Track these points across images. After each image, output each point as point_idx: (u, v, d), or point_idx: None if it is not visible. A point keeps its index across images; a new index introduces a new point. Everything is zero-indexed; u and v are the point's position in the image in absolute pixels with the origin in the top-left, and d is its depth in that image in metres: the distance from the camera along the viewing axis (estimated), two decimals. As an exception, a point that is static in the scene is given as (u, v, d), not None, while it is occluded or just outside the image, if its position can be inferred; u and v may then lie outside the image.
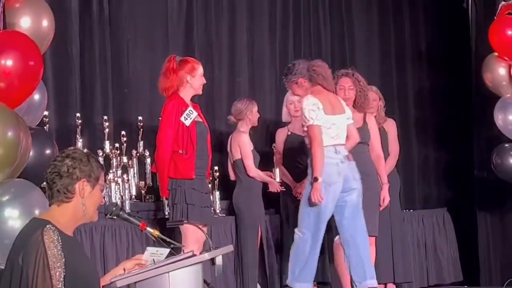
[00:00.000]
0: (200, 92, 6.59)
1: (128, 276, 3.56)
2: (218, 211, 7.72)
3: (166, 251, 3.75)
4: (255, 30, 8.87)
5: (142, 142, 7.65)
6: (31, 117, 5.83)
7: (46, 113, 6.62)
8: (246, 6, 8.81)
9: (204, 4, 8.51)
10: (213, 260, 3.68)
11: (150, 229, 3.84)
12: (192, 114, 6.40)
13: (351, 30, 9.49)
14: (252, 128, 7.73)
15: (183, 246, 4.04)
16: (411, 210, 9.06)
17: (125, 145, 7.54)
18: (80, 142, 7.29)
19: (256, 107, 7.68)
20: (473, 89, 9.13)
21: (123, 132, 7.59)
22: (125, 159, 7.49)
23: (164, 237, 3.83)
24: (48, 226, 3.33)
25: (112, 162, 7.37)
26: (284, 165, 7.75)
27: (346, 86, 7.18)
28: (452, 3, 9.50)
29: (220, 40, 8.61)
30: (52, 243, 3.28)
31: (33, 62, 5.41)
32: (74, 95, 7.61)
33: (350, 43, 9.44)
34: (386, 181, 7.21)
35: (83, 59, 7.70)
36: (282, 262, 7.73)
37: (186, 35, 8.39)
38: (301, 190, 7.19)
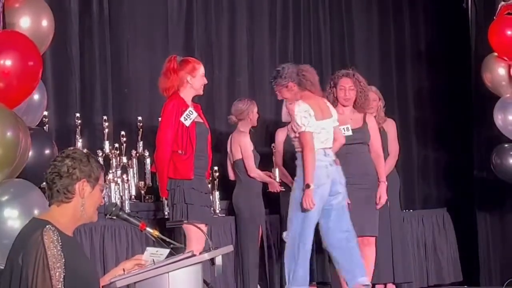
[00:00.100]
0: (201, 92, 6.57)
1: (127, 276, 3.56)
2: (217, 211, 7.72)
3: (166, 252, 3.74)
4: (255, 30, 8.87)
5: (141, 142, 7.65)
6: (31, 117, 5.82)
7: (45, 113, 6.62)
8: (246, 6, 8.81)
9: (204, 4, 8.51)
10: (212, 260, 3.68)
11: (149, 229, 3.84)
12: (192, 115, 6.38)
13: (351, 30, 9.49)
14: (251, 128, 7.74)
15: (183, 246, 4.02)
16: (411, 210, 9.06)
17: (124, 145, 7.55)
18: (79, 142, 7.29)
19: (256, 107, 7.69)
20: (472, 89, 9.13)
21: (123, 132, 7.60)
22: (124, 159, 7.49)
23: (163, 237, 3.83)
24: (48, 226, 3.32)
25: (111, 162, 7.37)
26: (283, 165, 7.74)
27: (346, 86, 7.17)
28: (451, 3, 9.50)
29: (220, 40, 8.61)
30: (52, 243, 3.28)
31: (32, 62, 5.40)
32: (73, 95, 7.61)
33: (350, 43, 9.44)
34: (384, 179, 7.19)
35: (83, 59, 7.70)
36: (282, 262, 7.73)
37: (186, 35, 8.38)
38: None
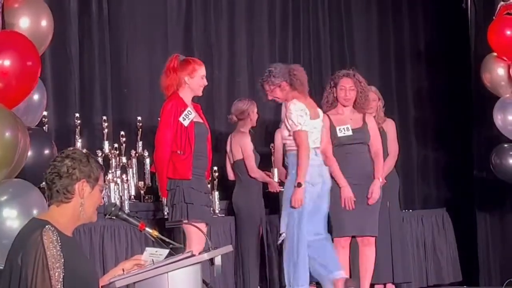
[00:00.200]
0: (199, 93, 6.51)
1: (127, 276, 3.56)
2: (217, 211, 7.72)
3: (165, 252, 3.74)
4: (255, 31, 8.87)
5: (141, 142, 7.65)
6: (31, 117, 5.82)
7: (45, 113, 6.62)
8: (245, 6, 8.81)
9: (203, 4, 8.52)
10: (212, 260, 3.68)
11: (149, 229, 3.84)
12: (190, 115, 6.36)
13: (351, 30, 9.48)
14: (251, 128, 7.74)
15: (183, 246, 4.01)
16: (411, 210, 9.06)
17: (124, 145, 7.55)
18: (79, 142, 7.29)
19: (256, 108, 7.70)
20: (472, 89, 9.13)
21: (122, 132, 7.60)
22: (124, 159, 7.50)
23: (163, 237, 3.83)
24: (47, 226, 3.32)
25: (111, 162, 7.38)
26: (283, 165, 7.74)
27: (347, 86, 7.15)
28: (451, 4, 9.50)
29: (219, 40, 8.61)
30: (51, 244, 3.28)
31: (31, 62, 5.39)
32: (73, 95, 7.61)
33: (349, 44, 9.44)
34: (379, 176, 7.13)
35: (82, 59, 7.70)
36: (282, 262, 7.72)
37: (185, 36, 8.38)
38: None
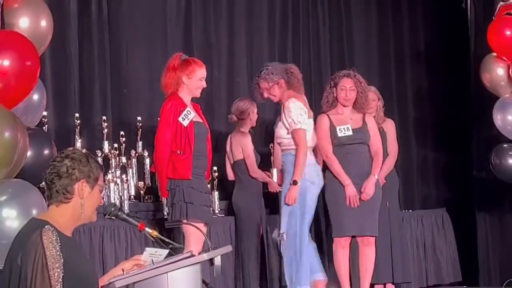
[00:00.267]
0: (197, 95, 6.46)
1: (126, 276, 3.56)
2: (217, 211, 7.72)
3: (165, 252, 3.74)
4: (254, 31, 8.87)
5: (141, 142, 7.65)
6: (30, 117, 5.82)
7: (45, 113, 6.61)
8: (245, 6, 8.80)
9: (202, 4, 8.51)
10: (211, 260, 3.68)
11: (148, 229, 3.84)
12: (190, 115, 6.35)
13: (350, 30, 9.48)
14: (250, 128, 7.74)
15: (182, 246, 4.01)
16: (410, 210, 9.06)
17: (124, 145, 7.55)
18: (79, 143, 7.29)
19: (256, 108, 7.70)
20: (472, 89, 9.13)
21: (122, 132, 7.59)
22: (124, 160, 7.49)
23: (162, 237, 3.83)
24: (46, 226, 3.32)
25: (111, 162, 7.37)
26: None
27: (347, 86, 7.14)
28: (451, 4, 9.50)
29: (219, 40, 8.61)
30: (50, 244, 3.28)
31: (30, 62, 5.39)
32: (73, 96, 7.60)
33: (349, 44, 9.44)
34: (375, 173, 7.09)
35: (82, 60, 7.70)
36: (282, 262, 7.72)
37: (185, 36, 8.38)
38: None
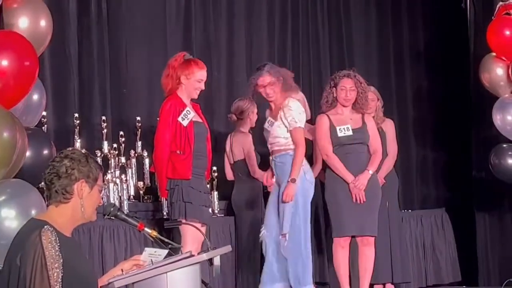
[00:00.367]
0: (194, 96, 6.43)
1: (126, 276, 3.56)
2: (216, 211, 7.71)
3: (164, 252, 3.74)
4: (254, 31, 8.87)
5: (140, 143, 7.65)
6: (30, 117, 5.81)
7: (44, 113, 6.61)
8: (245, 6, 8.80)
9: (202, 4, 8.51)
10: (211, 260, 3.68)
11: (148, 229, 3.84)
12: (189, 115, 6.35)
13: (350, 31, 9.48)
14: (250, 128, 7.74)
15: (181, 246, 4.01)
16: (410, 210, 9.06)
17: (123, 145, 7.55)
18: (78, 143, 7.29)
19: (256, 108, 7.69)
20: (471, 89, 9.14)
21: (122, 132, 7.60)
22: (123, 160, 7.50)
23: (162, 237, 3.83)
24: (46, 226, 3.32)
25: (110, 162, 7.37)
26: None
27: (347, 87, 7.13)
28: (450, 4, 9.51)
29: (218, 40, 8.61)
30: (50, 244, 3.28)
31: (28, 62, 5.39)
32: (72, 96, 7.60)
33: (348, 44, 9.44)
34: (369, 169, 7.06)
35: (81, 60, 7.70)
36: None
37: (184, 36, 8.38)
38: None
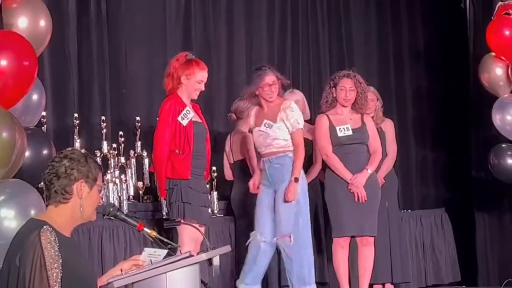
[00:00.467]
0: (194, 97, 6.44)
1: (125, 276, 3.56)
2: (216, 211, 7.71)
3: (163, 252, 3.74)
4: (254, 31, 8.87)
5: (140, 143, 7.64)
6: (30, 117, 5.81)
7: (43, 113, 6.60)
8: (244, 6, 8.80)
9: (202, 4, 8.51)
10: (210, 260, 3.68)
11: (147, 229, 3.84)
12: (189, 114, 6.35)
13: (349, 31, 9.48)
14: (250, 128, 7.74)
15: (179, 246, 4.01)
16: (409, 210, 9.05)
17: (123, 145, 7.54)
18: (77, 143, 7.28)
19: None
20: (471, 89, 9.13)
21: (121, 132, 7.59)
22: (123, 160, 7.49)
23: (161, 237, 3.83)
24: (45, 227, 3.32)
25: (110, 162, 7.37)
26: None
27: (347, 87, 7.13)
28: (450, 4, 9.50)
29: (218, 40, 8.60)
30: (49, 244, 3.28)
31: (27, 62, 5.39)
32: (72, 96, 7.60)
33: (348, 44, 9.43)
34: (368, 168, 7.05)
35: (81, 60, 7.70)
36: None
37: (184, 36, 8.37)
38: None
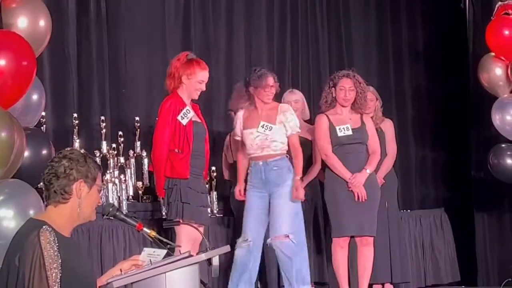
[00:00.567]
0: (194, 97, 6.45)
1: (125, 276, 3.56)
2: (215, 211, 7.71)
3: (163, 252, 3.74)
4: (253, 31, 8.87)
5: (139, 143, 7.64)
6: (29, 117, 5.81)
7: (43, 113, 6.60)
8: (244, 6, 8.80)
9: (201, 4, 8.51)
10: (210, 260, 3.68)
11: (146, 229, 3.84)
12: (189, 114, 6.36)
13: (349, 31, 9.48)
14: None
15: (178, 246, 4.01)
16: (409, 210, 9.05)
17: (122, 145, 7.54)
18: (77, 143, 7.28)
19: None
20: (470, 89, 9.14)
21: (120, 132, 7.59)
22: (122, 160, 7.49)
23: (160, 237, 3.83)
24: (44, 227, 3.32)
25: (109, 162, 7.37)
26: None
27: (347, 87, 7.13)
28: (449, 4, 9.50)
29: (218, 40, 8.60)
30: (48, 244, 3.28)
31: (26, 62, 5.39)
32: (71, 96, 7.60)
33: (347, 44, 9.43)
34: (368, 168, 7.05)
35: (81, 60, 7.69)
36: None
37: (183, 36, 8.37)
38: None
